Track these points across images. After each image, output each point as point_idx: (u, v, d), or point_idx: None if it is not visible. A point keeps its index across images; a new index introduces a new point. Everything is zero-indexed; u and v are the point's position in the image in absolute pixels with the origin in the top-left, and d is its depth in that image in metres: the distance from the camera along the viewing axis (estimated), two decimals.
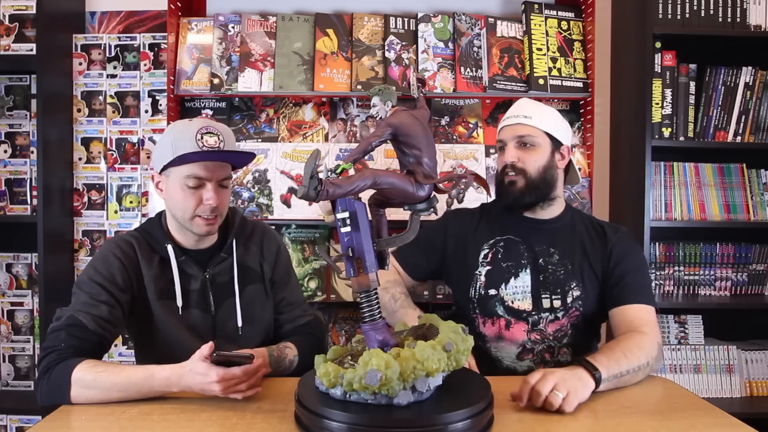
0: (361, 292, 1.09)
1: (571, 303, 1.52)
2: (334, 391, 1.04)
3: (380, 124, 1.12)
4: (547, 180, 1.54)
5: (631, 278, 1.49)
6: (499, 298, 1.55)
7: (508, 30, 2.33)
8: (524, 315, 1.53)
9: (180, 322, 1.40)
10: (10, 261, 2.33)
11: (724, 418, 1.14)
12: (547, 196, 1.56)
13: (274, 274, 1.54)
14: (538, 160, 1.53)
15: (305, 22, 2.30)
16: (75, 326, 1.27)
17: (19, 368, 2.31)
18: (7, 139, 2.33)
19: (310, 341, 1.50)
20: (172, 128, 1.38)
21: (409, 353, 1.01)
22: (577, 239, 1.57)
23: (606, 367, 1.22)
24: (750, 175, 2.30)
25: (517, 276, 1.55)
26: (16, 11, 2.30)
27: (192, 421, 1.12)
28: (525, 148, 1.54)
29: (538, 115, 1.55)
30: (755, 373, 2.23)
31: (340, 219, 1.06)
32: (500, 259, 1.57)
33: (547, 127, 1.55)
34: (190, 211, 1.36)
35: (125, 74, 2.36)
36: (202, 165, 1.34)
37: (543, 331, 1.53)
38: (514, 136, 1.55)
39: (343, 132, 2.33)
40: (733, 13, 2.20)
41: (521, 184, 1.53)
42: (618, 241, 1.55)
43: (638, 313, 1.44)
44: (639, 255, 1.57)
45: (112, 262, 1.37)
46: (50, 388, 1.21)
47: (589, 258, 1.54)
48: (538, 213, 1.59)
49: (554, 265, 1.54)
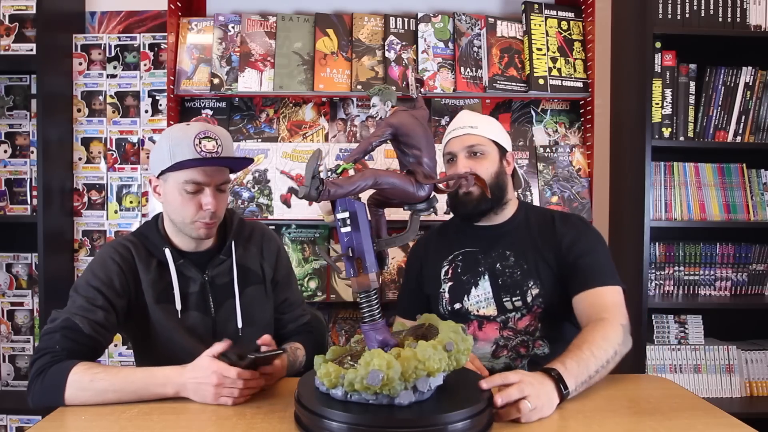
0: (361, 292, 1.09)
1: (532, 301, 1.53)
2: (334, 392, 1.04)
3: (380, 124, 1.12)
4: (499, 185, 1.58)
5: (586, 261, 1.49)
6: (464, 310, 1.58)
7: (508, 30, 2.33)
8: (492, 318, 1.56)
9: (179, 325, 1.40)
10: (10, 261, 2.33)
11: (724, 418, 1.14)
12: (501, 201, 1.60)
13: (276, 275, 1.54)
14: (489, 168, 1.56)
15: (305, 22, 2.30)
16: (70, 329, 1.27)
17: (19, 368, 2.31)
18: (7, 139, 2.33)
19: (312, 340, 1.52)
20: (170, 132, 1.37)
21: (410, 353, 1.01)
22: (529, 237, 1.58)
23: (575, 377, 1.18)
24: (750, 175, 2.30)
25: (476, 285, 1.57)
26: (16, 11, 2.30)
27: (192, 421, 1.12)
28: (476, 158, 1.56)
29: (483, 124, 1.59)
30: (755, 373, 2.23)
31: (341, 219, 1.06)
32: (460, 273, 1.60)
33: (493, 135, 1.59)
34: (190, 216, 1.36)
35: (125, 74, 2.36)
36: (201, 170, 1.34)
37: (514, 328, 1.55)
38: (464, 146, 1.57)
39: (343, 132, 2.33)
40: (733, 13, 2.20)
41: (477, 192, 1.55)
42: (568, 229, 1.55)
43: (599, 298, 1.43)
44: (591, 237, 1.55)
45: (111, 266, 1.37)
46: (44, 390, 1.20)
47: (542, 252, 1.55)
48: (492, 219, 1.62)
49: (511, 267, 1.56)
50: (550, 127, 2.36)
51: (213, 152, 1.32)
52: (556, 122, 2.37)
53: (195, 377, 1.18)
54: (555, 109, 2.38)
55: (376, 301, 1.09)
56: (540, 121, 2.37)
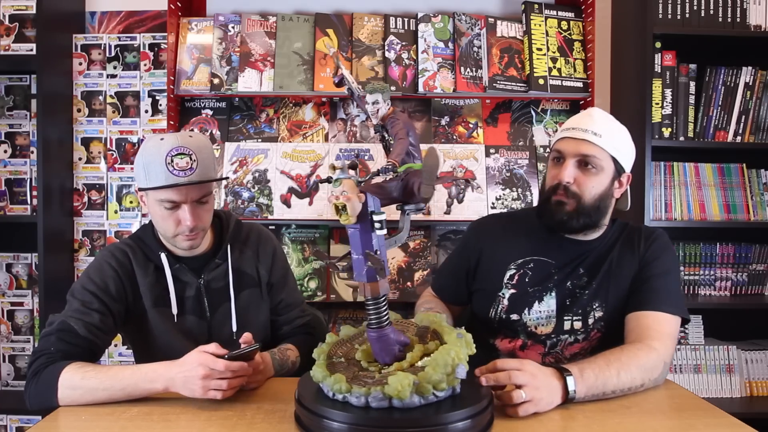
0: (371, 298, 1.07)
1: (593, 324, 1.40)
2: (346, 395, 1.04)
3: (396, 123, 1.13)
4: (600, 209, 1.37)
5: (657, 282, 1.35)
6: (521, 323, 1.43)
7: (508, 30, 2.33)
8: (543, 338, 1.42)
9: (175, 329, 1.41)
10: (10, 261, 2.33)
11: (724, 418, 1.14)
12: (596, 225, 1.40)
13: (272, 277, 1.54)
14: (596, 187, 1.35)
15: (305, 22, 2.30)
16: (66, 331, 1.28)
17: (19, 368, 2.30)
18: (7, 139, 2.33)
19: (309, 342, 1.50)
20: (144, 147, 1.33)
21: (425, 377, 1.01)
22: (608, 255, 1.42)
23: (588, 387, 1.14)
24: (750, 175, 2.30)
25: (541, 300, 1.42)
26: (16, 11, 2.30)
27: (192, 421, 1.12)
28: (586, 169, 1.35)
29: (609, 134, 1.36)
30: (755, 373, 2.23)
31: (378, 221, 1.04)
32: (527, 283, 1.43)
33: (616, 150, 1.36)
34: (170, 231, 1.36)
35: (125, 74, 2.36)
36: (175, 189, 1.31)
37: (559, 353, 1.43)
38: (578, 153, 1.35)
39: (343, 132, 2.33)
40: (733, 13, 2.19)
41: (571, 207, 1.35)
42: (651, 244, 1.41)
43: (654, 323, 1.29)
44: (669, 259, 1.40)
45: (107, 271, 1.38)
46: (38, 391, 1.21)
47: (615, 272, 1.40)
48: (580, 235, 1.42)
49: (581, 288, 1.41)
50: (550, 127, 2.36)
51: (187, 169, 1.29)
52: (556, 122, 2.37)
53: (182, 371, 1.17)
54: (555, 109, 2.38)
55: (385, 307, 1.09)
56: (540, 121, 2.37)
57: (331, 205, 1.02)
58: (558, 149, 1.39)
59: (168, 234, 1.37)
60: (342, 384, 1.02)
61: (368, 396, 1.00)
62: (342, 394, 1.02)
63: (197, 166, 1.30)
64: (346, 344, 1.20)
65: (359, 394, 1.00)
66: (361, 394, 1.00)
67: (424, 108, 2.35)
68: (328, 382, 1.05)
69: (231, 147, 2.25)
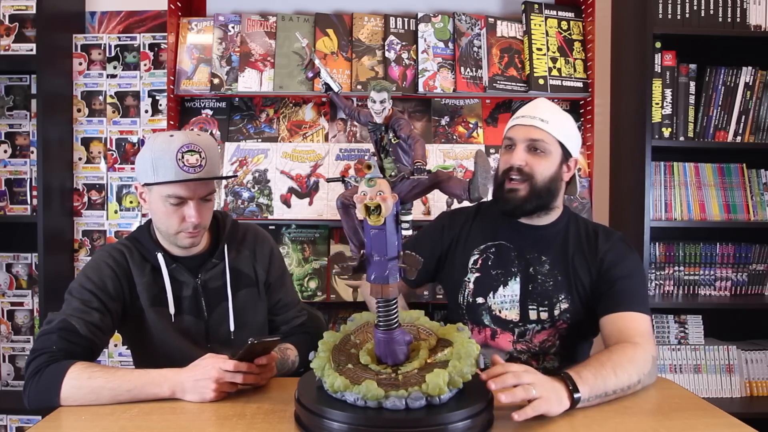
0: (383, 300, 1.07)
1: (559, 315, 1.46)
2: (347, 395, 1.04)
3: (404, 125, 1.16)
4: (551, 190, 1.47)
5: (624, 284, 1.41)
6: (486, 306, 1.50)
7: (508, 30, 2.33)
8: (510, 325, 1.48)
9: (173, 329, 1.41)
10: (10, 261, 2.33)
11: (724, 418, 1.14)
12: (548, 206, 1.49)
13: (269, 277, 1.54)
14: (546, 169, 1.45)
15: (305, 22, 2.30)
16: (67, 330, 1.28)
17: (19, 368, 2.30)
18: (7, 139, 2.33)
19: (307, 341, 1.51)
20: (153, 143, 1.34)
21: (435, 380, 1.01)
22: (569, 247, 1.50)
23: (590, 387, 1.15)
24: (750, 175, 2.30)
25: (506, 285, 1.49)
26: (16, 11, 2.29)
27: (192, 421, 1.12)
28: (535, 153, 1.45)
29: (556, 120, 1.46)
30: (755, 373, 2.23)
31: (407, 221, 1.04)
32: (490, 267, 1.51)
33: (562, 135, 1.46)
34: (174, 227, 1.37)
35: (125, 74, 2.36)
36: (184, 185, 1.33)
37: (529, 342, 1.48)
38: (527, 138, 1.45)
39: (343, 132, 2.33)
40: (733, 13, 2.19)
41: (524, 192, 1.45)
42: (611, 247, 1.48)
43: (631, 323, 1.36)
44: (633, 261, 1.48)
45: (105, 270, 1.38)
46: (40, 390, 1.21)
47: (579, 267, 1.48)
48: (534, 219, 1.52)
49: (544, 275, 1.48)
50: None
51: (196, 166, 1.30)
52: None
53: (194, 375, 1.19)
54: None
55: (395, 309, 1.09)
56: None
57: (360, 205, 1.00)
58: (509, 137, 1.49)
59: (171, 231, 1.37)
60: (373, 391, 1.00)
61: (407, 398, 0.99)
62: (377, 400, 1.00)
63: (206, 163, 1.32)
64: (348, 345, 1.19)
65: (397, 396, 0.99)
66: (400, 397, 0.99)
67: (424, 108, 2.35)
68: (357, 391, 1.01)
69: (231, 147, 2.25)
